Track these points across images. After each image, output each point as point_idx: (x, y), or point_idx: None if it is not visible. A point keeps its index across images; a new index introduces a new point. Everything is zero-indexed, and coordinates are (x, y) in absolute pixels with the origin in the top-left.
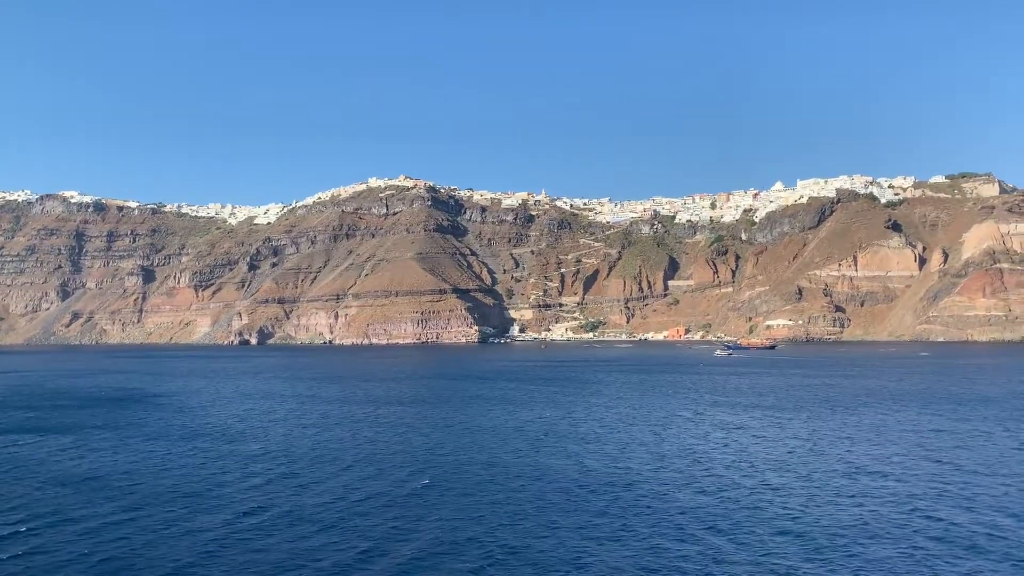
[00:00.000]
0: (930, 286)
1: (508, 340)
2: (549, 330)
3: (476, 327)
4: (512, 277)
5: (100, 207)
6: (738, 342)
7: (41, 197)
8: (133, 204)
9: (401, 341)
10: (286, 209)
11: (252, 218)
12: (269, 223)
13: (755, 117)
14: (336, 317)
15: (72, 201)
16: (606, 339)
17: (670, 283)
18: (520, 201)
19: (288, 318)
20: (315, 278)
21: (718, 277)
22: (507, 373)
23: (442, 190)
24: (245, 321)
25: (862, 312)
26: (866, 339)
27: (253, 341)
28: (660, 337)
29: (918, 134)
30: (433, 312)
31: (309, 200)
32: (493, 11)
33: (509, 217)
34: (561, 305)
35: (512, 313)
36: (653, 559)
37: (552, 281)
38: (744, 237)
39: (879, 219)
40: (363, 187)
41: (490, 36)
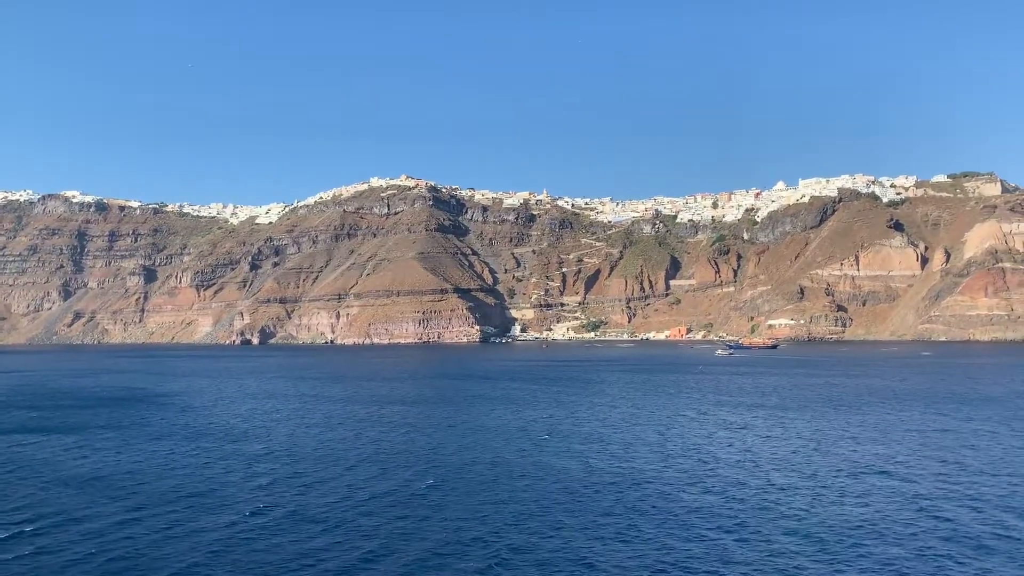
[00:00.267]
0: (932, 286)
1: (509, 340)
2: (550, 330)
3: (478, 327)
4: (514, 277)
5: (102, 207)
6: (740, 342)
7: (43, 197)
8: (135, 204)
9: (403, 341)
10: (288, 209)
11: (254, 218)
12: (271, 223)
13: (757, 116)
14: (338, 317)
15: (74, 201)
16: (607, 339)
17: (672, 283)
18: (522, 201)
19: (290, 318)
20: (317, 278)
21: (720, 277)
22: (509, 373)
23: (443, 190)
24: (247, 321)
25: (864, 312)
26: (868, 339)
27: (255, 341)
28: (662, 337)
29: (920, 133)
30: (435, 312)
31: (311, 200)
32: (494, 11)
33: (511, 217)
34: (562, 305)
35: (513, 313)
36: (660, 558)
37: (553, 281)
38: (746, 236)
39: (881, 218)
40: (365, 187)
41: (491, 36)
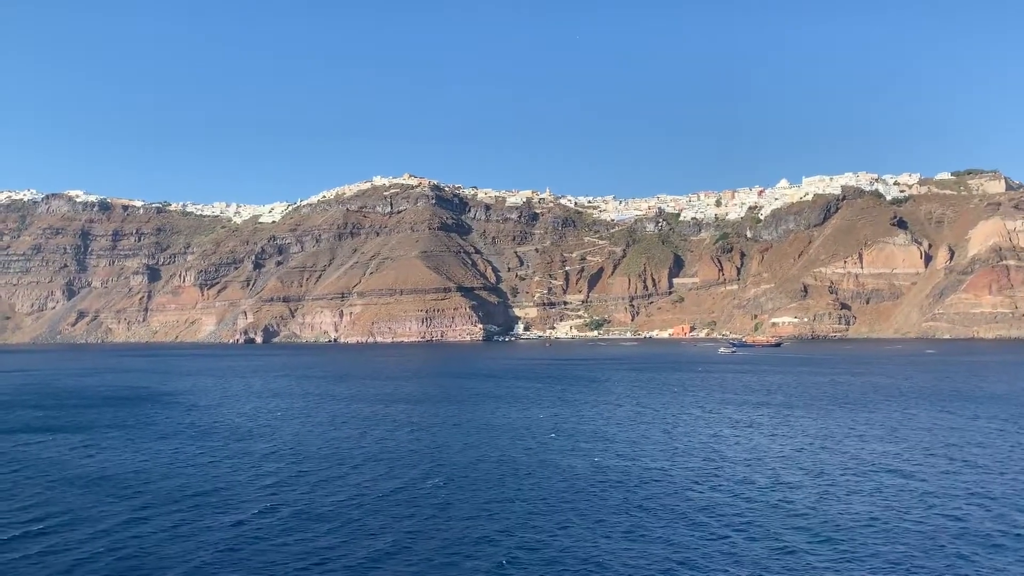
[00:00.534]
0: (936, 283)
1: (512, 338)
2: (554, 328)
3: (481, 325)
4: (516, 275)
5: (105, 206)
6: (743, 340)
7: (47, 196)
8: (138, 203)
9: (406, 339)
10: (291, 208)
11: (257, 217)
12: (274, 222)
13: (760, 114)
14: (341, 315)
15: (77, 200)
16: (611, 337)
17: (675, 281)
18: (524, 199)
19: (293, 316)
20: (320, 276)
21: (723, 275)
22: (513, 371)
23: (446, 188)
24: (250, 320)
25: (868, 309)
26: (872, 337)
27: (258, 340)
28: (665, 335)
29: (924, 131)
30: (438, 310)
31: (314, 199)
32: (498, 10)
33: (513, 215)
34: (566, 303)
35: (516, 311)
36: (669, 556)
37: (557, 279)
38: (749, 235)
39: (884, 216)
40: (368, 185)
41: (494, 35)
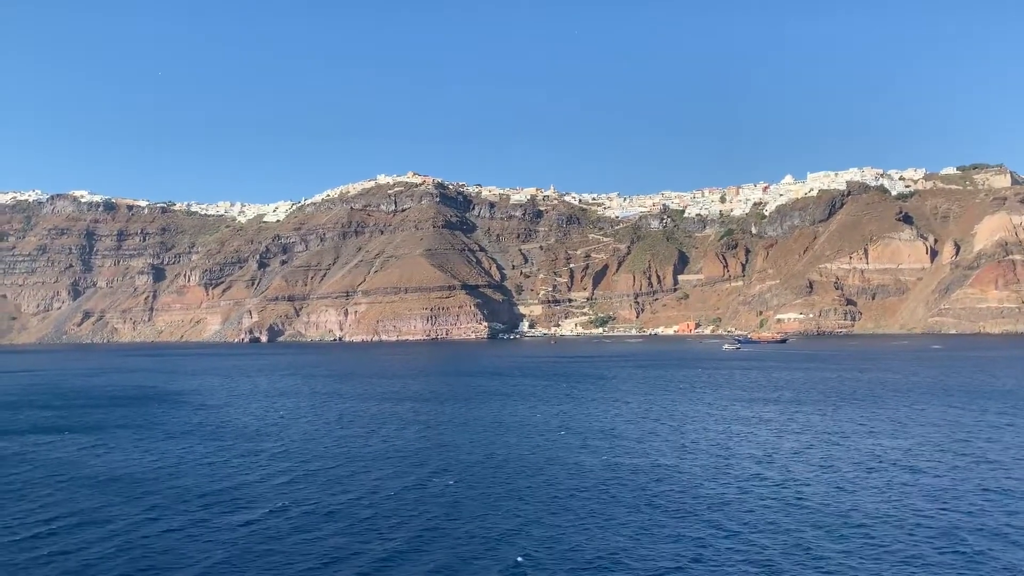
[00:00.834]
0: (942, 278)
1: (517, 336)
2: (558, 325)
3: (485, 323)
4: (521, 273)
5: (110, 206)
6: (749, 336)
7: (52, 197)
8: (143, 203)
9: (411, 337)
10: (295, 207)
11: (261, 216)
12: (278, 221)
13: (764, 110)
14: (346, 314)
15: (82, 201)
16: (616, 334)
17: (680, 277)
18: (529, 197)
19: (298, 315)
20: (324, 275)
21: (728, 271)
22: (519, 369)
23: (450, 186)
24: (255, 319)
25: (873, 305)
26: (877, 332)
27: (263, 339)
28: (670, 332)
29: (929, 126)
30: (442, 308)
31: (318, 197)
32: (500, 9)
33: (518, 213)
34: (570, 300)
35: (521, 309)
36: (684, 552)
37: (561, 276)
38: (754, 231)
39: (890, 211)
40: (372, 184)
41: (497, 33)
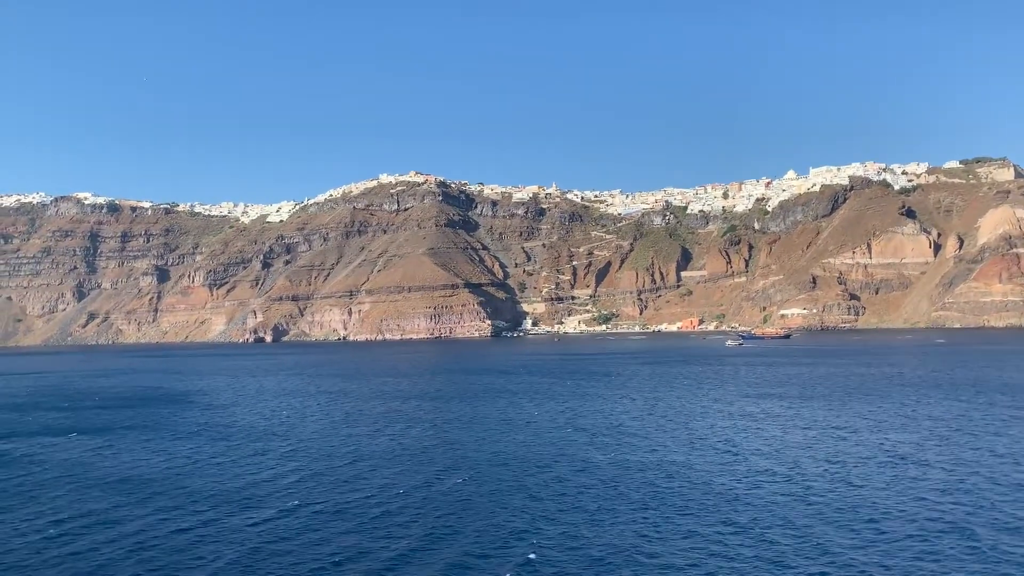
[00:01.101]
0: (945, 272)
1: (521, 334)
2: (562, 323)
3: (489, 321)
4: (524, 271)
5: (114, 208)
6: (752, 332)
7: (56, 199)
8: (146, 204)
9: (415, 336)
10: (298, 207)
11: (265, 216)
12: (282, 221)
13: (766, 106)
14: (349, 313)
15: (86, 202)
16: (619, 331)
17: (683, 274)
18: (531, 194)
19: (302, 315)
20: (328, 275)
21: (731, 267)
22: (525, 366)
23: (453, 185)
24: (259, 319)
25: (877, 300)
26: (881, 327)
27: (268, 339)
28: (674, 328)
29: (931, 120)
30: (446, 307)
31: (321, 197)
32: (502, 8)
33: (520, 211)
34: (573, 298)
35: (524, 307)
36: (695, 547)
37: (564, 274)
38: (757, 226)
39: (893, 206)
40: (374, 183)
41: (499, 32)
